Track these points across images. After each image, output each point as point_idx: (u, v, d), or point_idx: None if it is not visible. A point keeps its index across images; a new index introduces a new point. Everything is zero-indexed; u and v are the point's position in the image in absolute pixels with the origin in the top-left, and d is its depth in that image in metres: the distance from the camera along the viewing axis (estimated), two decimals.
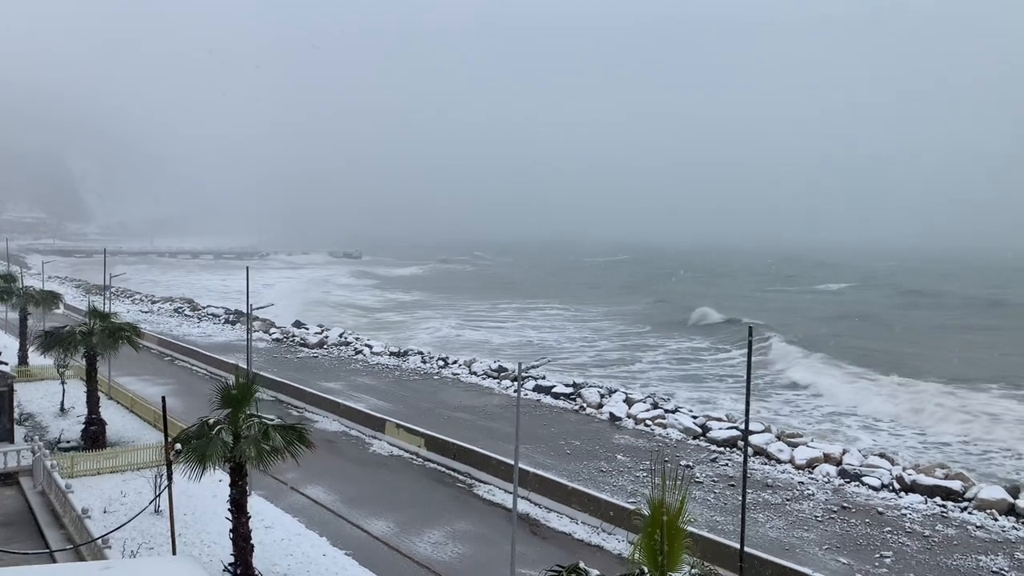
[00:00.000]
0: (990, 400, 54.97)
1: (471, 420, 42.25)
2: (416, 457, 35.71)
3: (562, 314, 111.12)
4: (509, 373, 53.82)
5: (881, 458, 35.16)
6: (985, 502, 29.73)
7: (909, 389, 57.87)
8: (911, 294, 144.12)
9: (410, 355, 62.42)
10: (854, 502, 30.54)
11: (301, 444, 20.99)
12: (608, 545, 26.24)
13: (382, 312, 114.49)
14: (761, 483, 32.38)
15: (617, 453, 36.52)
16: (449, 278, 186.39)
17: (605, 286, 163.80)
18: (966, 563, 25.03)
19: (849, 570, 24.33)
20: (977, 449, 42.97)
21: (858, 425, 48.14)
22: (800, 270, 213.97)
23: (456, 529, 27.33)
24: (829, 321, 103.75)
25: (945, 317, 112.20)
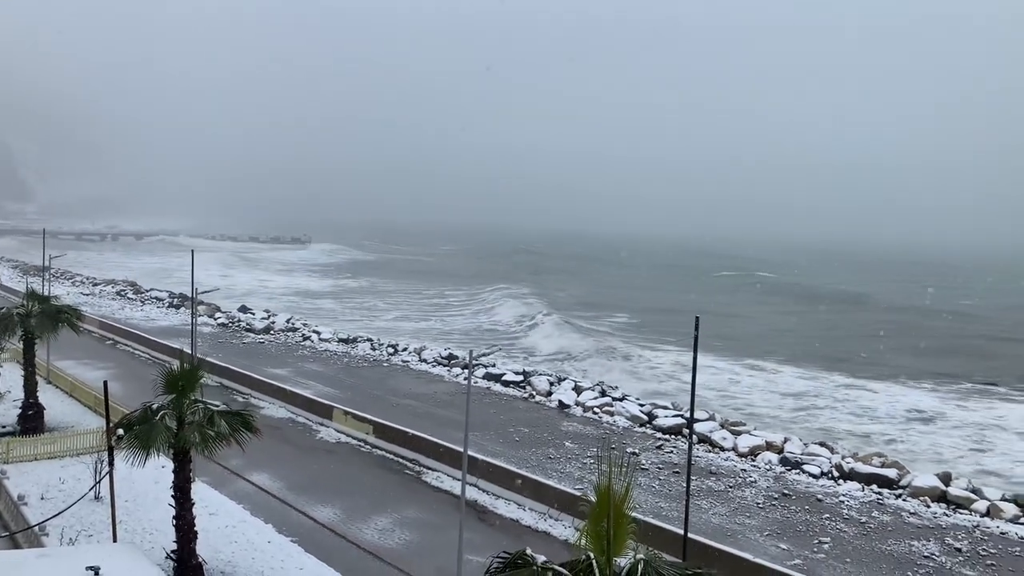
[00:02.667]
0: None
1: (420, 407, 42.17)
2: (364, 444, 35.54)
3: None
4: (459, 361, 53.81)
5: (821, 447, 36.06)
6: (919, 489, 30.70)
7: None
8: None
9: (359, 342, 61.96)
10: (795, 489, 31.27)
11: (247, 430, 20.73)
12: (555, 531, 26.49)
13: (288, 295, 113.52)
14: (705, 470, 32.96)
15: (565, 440, 36.81)
16: (389, 266, 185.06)
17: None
18: (900, 548, 25.85)
19: (789, 555, 24.94)
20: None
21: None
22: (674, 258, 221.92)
23: (404, 516, 27.31)
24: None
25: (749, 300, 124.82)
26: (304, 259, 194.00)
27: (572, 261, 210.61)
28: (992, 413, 52.01)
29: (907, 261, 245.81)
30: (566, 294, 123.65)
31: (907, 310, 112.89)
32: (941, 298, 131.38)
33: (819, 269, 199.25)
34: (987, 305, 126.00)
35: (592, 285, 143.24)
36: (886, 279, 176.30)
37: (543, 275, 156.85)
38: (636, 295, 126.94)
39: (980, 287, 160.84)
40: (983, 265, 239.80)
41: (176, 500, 20.91)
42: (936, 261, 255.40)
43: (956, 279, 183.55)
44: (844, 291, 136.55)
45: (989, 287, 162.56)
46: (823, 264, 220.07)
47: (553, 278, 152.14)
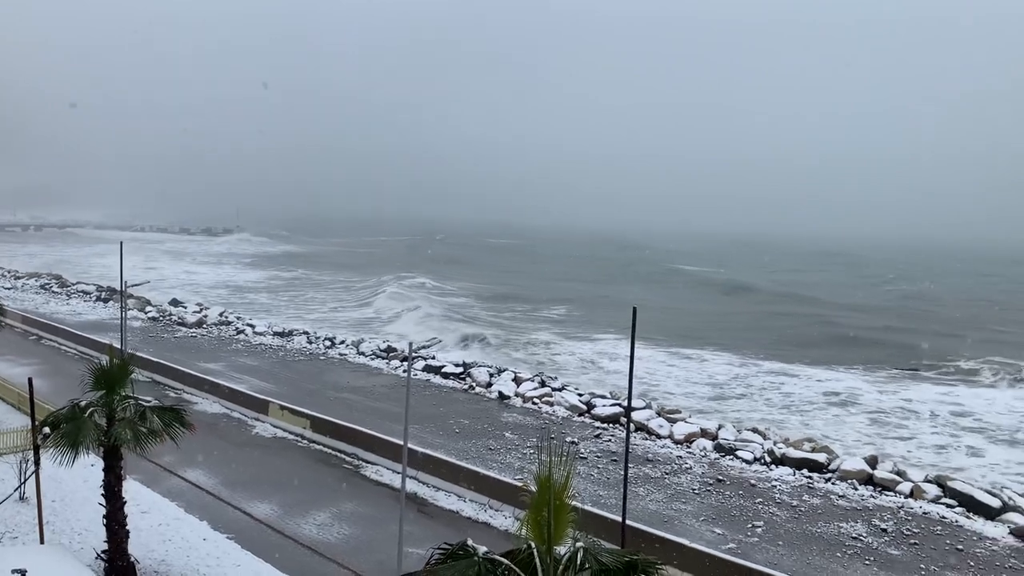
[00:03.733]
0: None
1: (359, 401, 41.83)
2: (301, 439, 35.10)
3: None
4: (399, 353, 53.49)
5: (754, 433, 36.96)
6: (847, 473, 31.72)
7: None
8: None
9: (295, 335, 61.10)
10: (729, 475, 31.99)
11: (180, 426, 20.25)
12: (495, 522, 26.60)
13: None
14: (642, 458, 33.47)
15: (505, 431, 36.96)
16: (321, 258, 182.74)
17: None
18: (829, 530, 26.68)
19: (723, 540, 25.51)
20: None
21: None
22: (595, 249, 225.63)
23: (343, 510, 27.08)
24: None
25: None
26: (236, 251, 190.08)
27: (490, 253, 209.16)
28: (908, 394, 54.18)
29: (826, 251, 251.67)
30: (458, 284, 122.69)
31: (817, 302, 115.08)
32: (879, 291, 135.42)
33: (755, 263, 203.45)
34: (930, 295, 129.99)
35: (496, 275, 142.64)
36: (823, 270, 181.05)
37: (453, 265, 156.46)
38: (546, 284, 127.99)
39: (931, 278, 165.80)
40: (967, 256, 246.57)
41: (106, 499, 20.34)
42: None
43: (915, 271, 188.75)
44: (763, 285, 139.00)
45: (938, 277, 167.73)
46: (758, 258, 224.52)
47: (461, 268, 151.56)
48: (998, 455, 40.50)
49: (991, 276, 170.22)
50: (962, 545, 25.74)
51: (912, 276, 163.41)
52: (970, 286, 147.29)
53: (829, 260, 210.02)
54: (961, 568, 24.06)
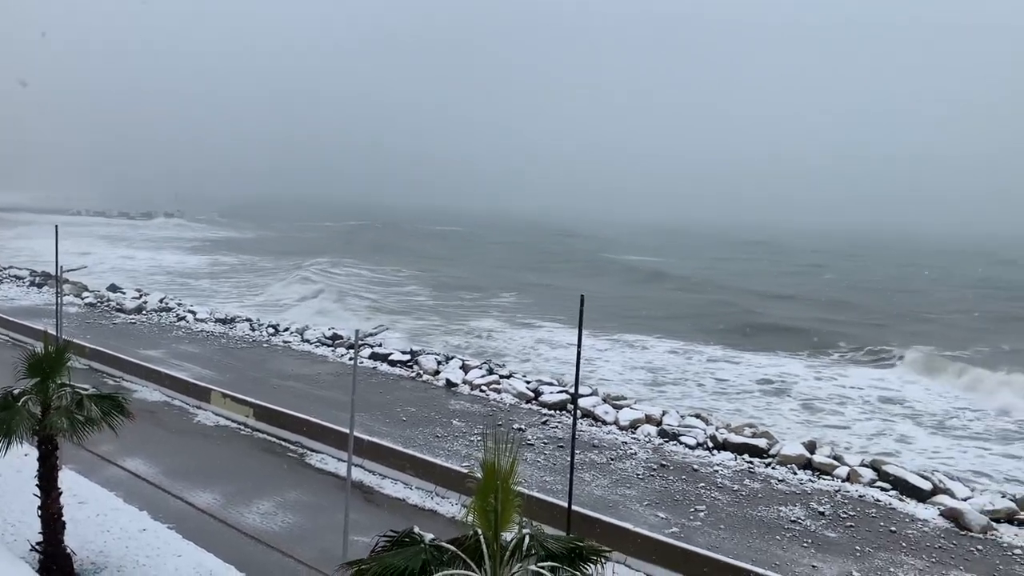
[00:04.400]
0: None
1: (303, 389, 41.36)
2: (244, 427, 34.60)
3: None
4: (344, 341, 53.02)
5: (697, 419, 37.58)
6: (787, 457, 32.46)
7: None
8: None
9: (237, 322, 60.10)
10: (672, 460, 32.49)
11: (119, 414, 19.80)
12: (442, 509, 26.61)
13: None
14: (588, 444, 33.79)
15: (453, 419, 36.94)
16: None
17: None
18: (769, 514, 27.31)
19: (667, 524, 25.93)
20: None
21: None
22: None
23: (287, 499, 26.80)
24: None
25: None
26: (175, 236, 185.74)
27: (421, 238, 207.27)
28: (840, 380, 55.91)
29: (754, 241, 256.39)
30: (368, 270, 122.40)
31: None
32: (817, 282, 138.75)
33: (689, 253, 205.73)
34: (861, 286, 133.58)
35: (415, 261, 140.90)
36: (756, 259, 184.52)
37: (380, 252, 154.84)
38: (478, 271, 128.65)
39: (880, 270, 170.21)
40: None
41: (41, 489, 19.80)
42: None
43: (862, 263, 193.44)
44: (682, 273, 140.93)
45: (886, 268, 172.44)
46: (697, 249, 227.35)
47: (385, 255, 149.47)
48: (928, 441, 41.92)
49: (933, 268, 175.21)
50: (895, 527, 26.59)
51: (848, 266, 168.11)
52: (908, 275, 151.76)
53: (763, 249, 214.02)
54: (894, 549, 24.86)
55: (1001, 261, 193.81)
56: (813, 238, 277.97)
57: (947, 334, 77.45)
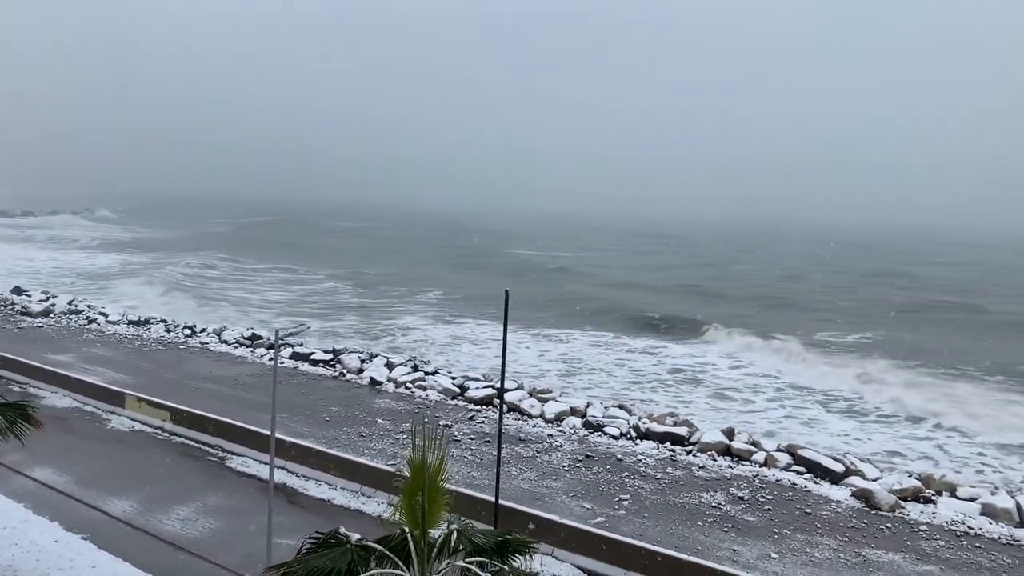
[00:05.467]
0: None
1: (223, 391, 40.37)
2: (161, 432, 33.59)
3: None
4: (264, 341, 51.96)
5: (620, 409, 38.20)
6: (707, 445, 33.28)
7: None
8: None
9: (152, 323, 58.21)
10: (597, 451, 32.94)
11: (25, 423, 18.97)
12: (368, 509, 26.39)
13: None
14: (515, 438, 33.97)
15: (378, 417, 36.63)
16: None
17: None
18: (691, 500, 27.97)
19: (592, 514, 26.29)
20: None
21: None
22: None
23: (207, 504, 26.15)
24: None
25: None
26: (83, 235, 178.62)
27: (317, 235, 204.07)
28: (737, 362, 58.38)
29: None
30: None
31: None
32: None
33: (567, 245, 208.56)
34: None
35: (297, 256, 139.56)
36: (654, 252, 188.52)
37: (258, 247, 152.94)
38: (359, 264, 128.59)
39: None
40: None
41: None
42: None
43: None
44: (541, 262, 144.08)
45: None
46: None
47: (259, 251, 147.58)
48: (837, 424, 43.55)
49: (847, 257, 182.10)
50: (810, 509, 27.57)
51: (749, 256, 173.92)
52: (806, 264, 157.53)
53: (666, 242, 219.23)
54: (810, 530, 25.77)
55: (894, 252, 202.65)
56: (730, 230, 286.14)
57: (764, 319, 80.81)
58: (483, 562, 12.39)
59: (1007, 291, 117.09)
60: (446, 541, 12.41)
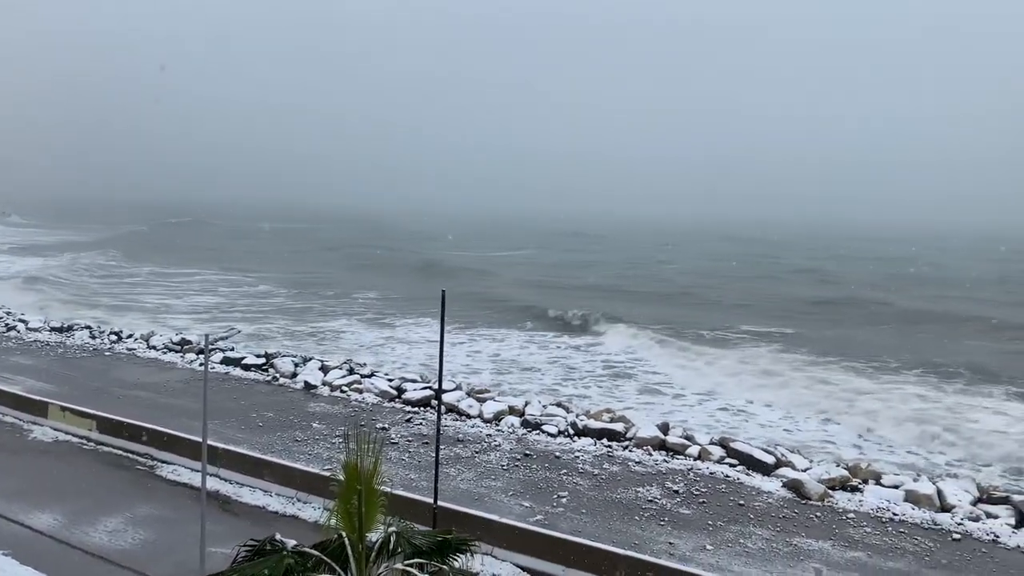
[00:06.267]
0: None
1: (151, 398, 39.28)
2: (87, 441, 32.52)
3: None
4: (194, 346, 50.75)
5: (558, 407, 38.45)
6: (642, 440, 33.74)
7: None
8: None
9: (76, 330, 56.33)
10: (535, 449, 33.09)
11: None
12: (304, 514, 26.01)
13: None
14: (453, 439, 33.88)
15: (313, 421, 36.11)
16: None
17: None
18: (628, 495, 28.31)
19: (531, 512, 26.40)
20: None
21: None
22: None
23: (137, 514, 25.41)
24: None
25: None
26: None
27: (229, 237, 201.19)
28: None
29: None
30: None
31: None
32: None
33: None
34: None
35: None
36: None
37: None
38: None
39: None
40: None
41: None
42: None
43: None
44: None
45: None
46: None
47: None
48: (766, 416, 44.61)
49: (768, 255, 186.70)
50: (743, 500, 28.18)
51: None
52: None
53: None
54: (743, 521, 26.35)
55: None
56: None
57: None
58: (423, 563, 12.35)
59: (908, 284, 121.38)
60: (384, 544, 12.32)
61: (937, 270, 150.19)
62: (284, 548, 12.15)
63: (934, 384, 52.86)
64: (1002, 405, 47.50)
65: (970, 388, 51.80)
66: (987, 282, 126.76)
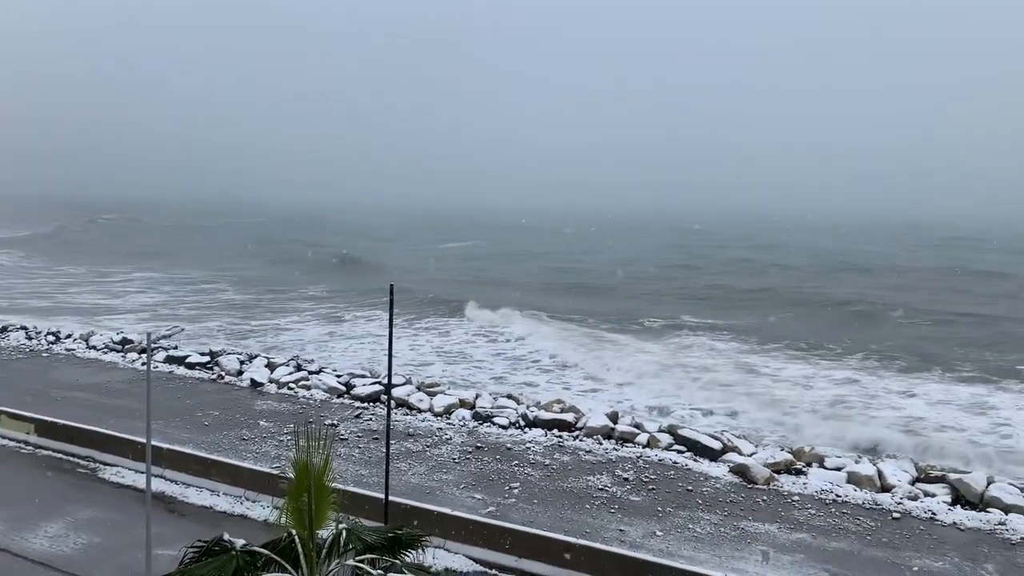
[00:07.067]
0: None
1: (92, 399, 38.31)
2: (25, 445, 31.60)
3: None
4: (136, 345, 49.62)
5: (509, 399, 38.55)
6: (592, 429, 34.04)
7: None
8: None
9: (10, 331, 54.60)
10: (487, 441, 33.15)
11: None
12: (253, 513, 25.68)
13: None
14: (404, 433, 33.75)
15: (260, 420, 35.63)
16: None
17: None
18: (579, 484, 28.55)
19: (483, 504, 26.46)
20: None
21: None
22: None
23: (79, 518, 24.80)
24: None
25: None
26: None
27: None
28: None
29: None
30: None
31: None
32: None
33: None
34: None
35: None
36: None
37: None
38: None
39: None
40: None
41: None
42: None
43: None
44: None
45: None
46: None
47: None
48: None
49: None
50: (692, 486, 28.64)
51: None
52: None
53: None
54: (691, 507, 26.78)
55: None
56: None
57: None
58: (375, 559, 12.29)
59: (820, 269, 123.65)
60: (335, 541, 12.23)
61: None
62: (233, 548, 11.98)
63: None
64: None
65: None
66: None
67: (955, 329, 70.50)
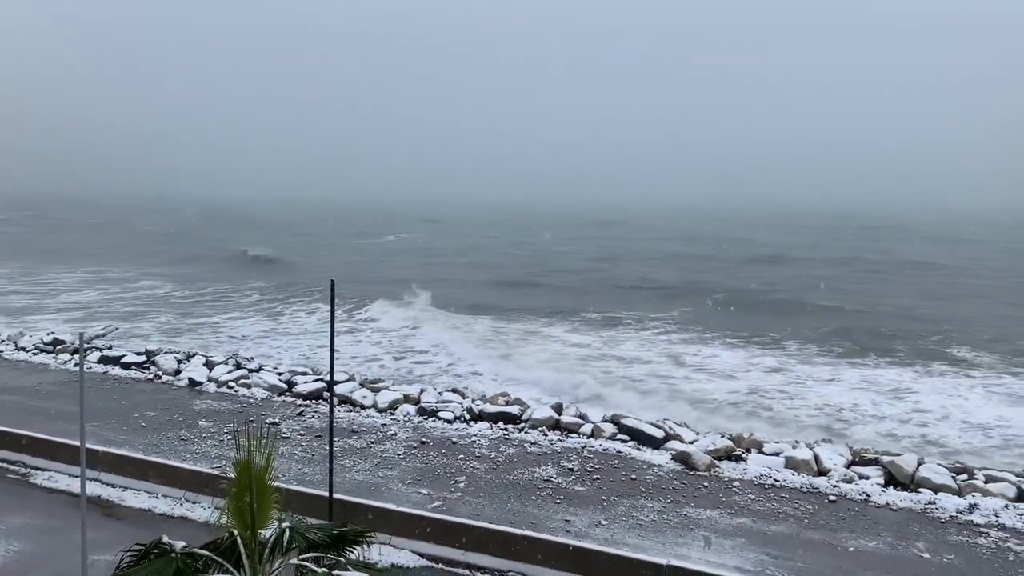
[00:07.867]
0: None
1: (21, 402, 37.06)
2: None
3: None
4: (68, 345, 48.14)
5: (454, 393, 38.50)
6: (537, 421, 34.22)
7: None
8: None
9: None
10: (432, 436, 33.06)
11: None
12: (193, 514, 25.19)
13: None
14: (347, 430, 33.46)
15: (199, 419, 34.93)
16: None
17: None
18: (524, 476, 28.69)
19: (429, 499, 26.40)
20: None
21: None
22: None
23: (10, 525, 24.00)
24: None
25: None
26: None
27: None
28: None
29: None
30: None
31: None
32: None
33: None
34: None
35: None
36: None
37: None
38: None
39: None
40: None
41: None
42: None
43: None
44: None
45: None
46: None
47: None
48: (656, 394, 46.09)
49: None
50: (635, 475, 29.01)
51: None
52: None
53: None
54: (635, 495, 27.13)
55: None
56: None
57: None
58: (319, 557, 12.19)
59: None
60: (278, 540, 12.10)
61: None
62: (172, 550, 11.75)
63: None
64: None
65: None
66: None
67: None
